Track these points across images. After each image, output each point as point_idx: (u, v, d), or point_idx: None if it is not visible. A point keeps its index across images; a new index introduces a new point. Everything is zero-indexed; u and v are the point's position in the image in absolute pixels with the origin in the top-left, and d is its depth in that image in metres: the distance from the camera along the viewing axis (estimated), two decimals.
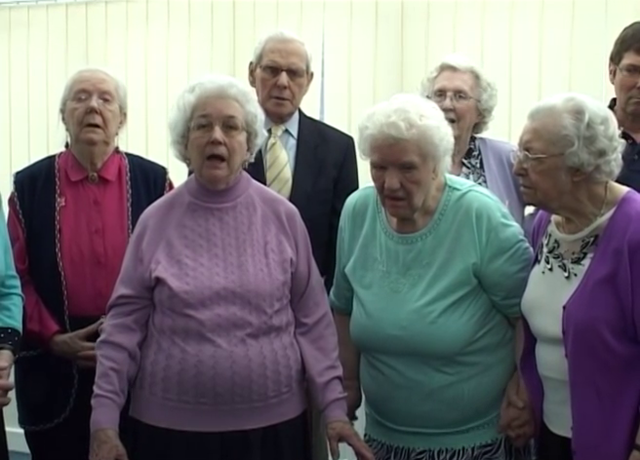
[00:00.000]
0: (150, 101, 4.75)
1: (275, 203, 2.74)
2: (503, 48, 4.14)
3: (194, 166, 2.65)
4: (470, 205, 2.58)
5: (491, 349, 2.61)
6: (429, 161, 2.50)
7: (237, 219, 2.66)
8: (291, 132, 3.30)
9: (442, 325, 2.54)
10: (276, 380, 2.57)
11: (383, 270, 2.65)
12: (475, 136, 3.40)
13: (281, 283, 2.63)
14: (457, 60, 3.35)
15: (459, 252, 2.56)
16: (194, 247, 2.61)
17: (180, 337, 2.54)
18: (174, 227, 2.64)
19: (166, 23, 4.74)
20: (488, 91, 3.34)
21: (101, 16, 4.86)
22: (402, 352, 2.58)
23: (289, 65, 3.22)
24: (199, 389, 2.51)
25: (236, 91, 2.60)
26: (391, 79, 4.33)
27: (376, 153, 2.52)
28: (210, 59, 4.65)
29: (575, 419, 2.39)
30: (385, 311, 2.61)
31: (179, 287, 2.54)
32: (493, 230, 2.56)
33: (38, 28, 4.98)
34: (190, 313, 2.53)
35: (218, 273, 2.58)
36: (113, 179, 3.10)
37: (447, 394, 2.57)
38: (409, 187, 2.50)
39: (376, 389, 2.70)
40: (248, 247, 2.63)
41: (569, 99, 2.40)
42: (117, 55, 4.80)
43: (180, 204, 2.68)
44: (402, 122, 2.45)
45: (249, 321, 2.54)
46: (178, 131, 2.62)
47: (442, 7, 4.23)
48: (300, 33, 4.35)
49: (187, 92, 2.62)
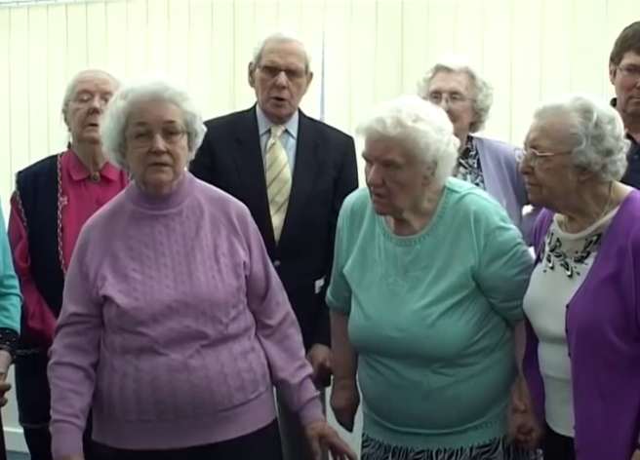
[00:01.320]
0: None
1: (223, 203, 2.63)
2: (504, 48, 4.14)
3: (136, 174, 2.52)
4: (468, 208, 2.57)
5: (489, 350, 2.60)
6: (416, 164, 2.48)
7: (184, 225, 2.54)
8: (290, 132, 3.28)
9: (441, 327, 2.53)
10: (240, 387, 2.49)
11: (382, 271, 2.64)
12: (472, 136, 3.40)
13: (235, 288, 2.53)
14: (451, 61, 3.34)
15: (457, 255, 2.56)
16: (141, 258, 2.50)
17: (133, 355, 2.44)
18: (118, 239, 2.51)
19: (166, 23, 4.75)
20: (484, 90, 3.34)
21: (101, 15, 4.86)
22: (400, 354, 2.57)
23: (287, 65, 3.20)
24: (159, 406, 2.42)
25: (171, 93, 2.47)
26: (391, 79, 4.33)
27: (365, 146, 2.53)
28: (210, 59, 4.66)
29: (577, 418, 2.38)
30: (384, 313, 2.60)
31: (127, 304, 2.43)
32: (491, 233, 2.55)
33: (38, 28, 4.99)
34: (142, 330, 2.43)
35: (168, 285, 2.47)
36: (115, 179, 3.10)
37: (445, 394, 2.57)
38: (390, 186, 2.50)
39: (374, 389, 2.69)
40: (197, 253, 2.51)
41: (576, 98, 2.41)
42: (117, 54, 4.81)
43: (123, 213, 2.55)
44: (390, 119, 2.45)
45: (204, 332, 2.45)
46: (113, 139, 2.49)
47: (442, 7, 4.23)
48: (300, 33, 4.35)
49: (120, 98, 2.48)
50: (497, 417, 2.63)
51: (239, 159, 3.21)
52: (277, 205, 3.19)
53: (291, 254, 3.13)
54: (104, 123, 2.51)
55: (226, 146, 3.23)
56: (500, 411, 2.63)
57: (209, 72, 4.67)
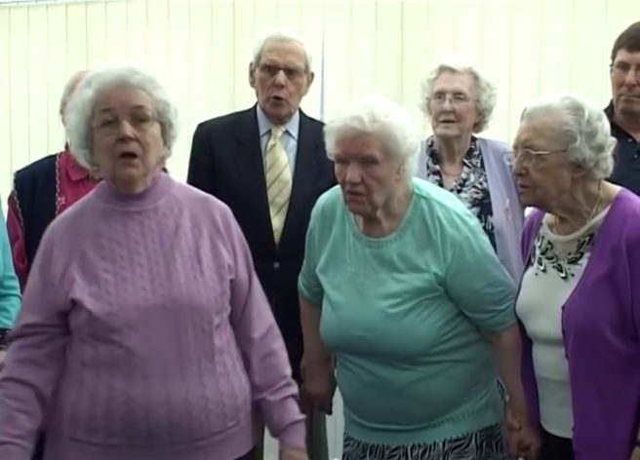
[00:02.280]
0: None
1: (205, 202, 2.41)
2: (503, 48, 4.15)
3: (105, 170, 2.26)
4: (437, 216, 2.57)
5: (458, 348, 2.60)
6: (392, 158, 2.49)
7: (161, 223, 2.30)
8: (291, 133, 3.28)
9: (406, 327, 2.53)
10: (220, 413, 2.24)
11: (352, 271, 2.64)
12: (475, 137, 3.41)
13: (219, 293, 2.29)
14: (455, 62, 3.36)
15: (424, 262, 2.55)
16: (113, 257, 2.23)
17: (107, 370, 2.17)
18: (86, 237, 2.26)
19: (166, 23, 4.76)
20: (487, 91, 3.35)
21: (101, 15, 4.87)
22: (369, 352, 2.58)
23: (286, 64, 3.19)
24: (130, 429, 2.16)
25: (141, 78, 2.24)
26: (391, 79, 4.34)
27: (339, 146, 2.51)
28: (210, 59, 4.66)
29: (576, 419, 2.38)
30: (351, 312, 2.60)
31: (99, 308, 2.16)
32: (458, 246, 2.55)
33: (38, 28, 5.00)
34: (115, 339, 2.16)
35: (144, 287, 2.21)
36: None
37: (415, 390, 2.57)
38: (369, 183, 2.48)
39: (348, 387, 2.70)
40: (177, 253, 2.27)
41: (564, 98, 2.42)
42: (117, 54, 4.81)
43: (92, 212, 2.30)
44: (366, 115, 2.45)
45: (186, 342, 2.20)
46: (79, 133, 2.25)
47: (442, 7, 4.24)
48: (300, 33, 4.36)
49: (84, 87, 2.25)
50: (469, 412, 2.64)
51: (239, 159, 3.21)
52: (277, 206, 3.19)
53: (291, 256, 3.13)
54: (69, 117, 2.28)
55: (227, 147, 3.23)
56: (473, 406, 2.64)
57: (209, 72, 4.68)
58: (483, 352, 2.65)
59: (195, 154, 3.30)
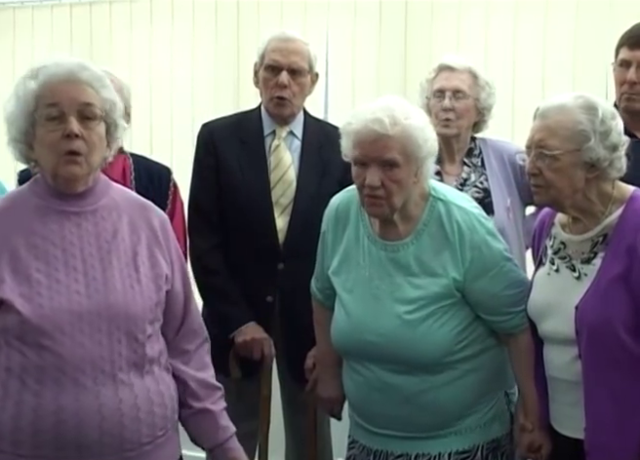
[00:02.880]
0: (154, 101, 4.76)
1: (144, 209, 2.33)
2: (507, 47, 4.14)
3: (46, 166, 2.16)
4: (455, 219, 2.54)
5: (470, 357, 2.58)
6: (412, 161, 2.47)
7: (99, 225, 2.21)
8: (295, 133, 3.28)
9: (422, 333, 2.50)
10: (150, 423, 2.17)
11: (366, 275, 2.61)
12: (475, 136, 3.41)
13: (154, 303, 2.22)
14: (454, 60, 3.37)
15: (441, 266, 2.53)
16: (47, 258, 2.13)
17: (33, 377, 2.06)
18: (18, 234, 2.14)
19: (170, 23, 4.75)
20: (486, 89, 3.36)
21: (106, 15, 4.87)
22: (380, 358, 2.55)
23: (290, 64, 3.19)
24: (59, 441, 2.06)
25: (89, 74, 2.16)
26: (395, 79, 4.33)
27: (358, 149, 2.48)
28: (214, 59, 4.66)
29: (588, 420, 2.37)
30: (365, 316, 2.58)
31: (30, 310, 2.05)
32: (477, 248, 2.53)
33: (42, 28, 4.99)
34: (46, 343, 2.05)
35: (78, 291, 2.12)
36: (118, 179, 3.07)
37: (424, 399, 2.55)
38: (389, 186, 2.46)
39: (355, 391, 2.68)
40: (114, 259, 2.19)
41: (578, 97, 2.42)
42: (121, 54, 4.81)
43: (25, 207, 2.19)
44: (387, 118, 2.42)
45: (118, 351, 2.13)
46: (18, 126, 2.15)
47: (446, 7, 4.23)
48: (305, 33, 4.35)
49: (28, 78, 2.15)
50: (477, 424, 2.62)
51: (243, 160, 3.21)
52: (281, 206, 3.19)
53: (295, 257, 3.14)
54: (8, 108, 2.17)
55: (230, 147, 3.23)
56: (480, 418, 2.62)
57: (213, 72, 4.68)
58: (494, 360, 2.64)
59: (199, 154, 3.30)
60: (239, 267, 3.18)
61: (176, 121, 4.75)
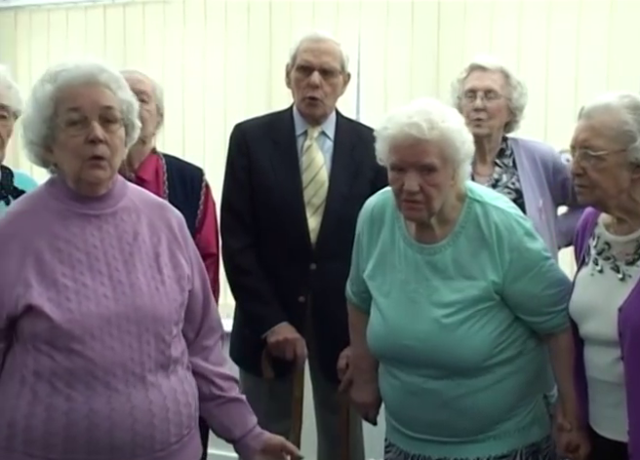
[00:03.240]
0: (187, 102, 4.78)
1: (162, 209, 2.34)
2: (540, 47, 4.11)
3: (68, 170, 2.15)
4: (493, 220, 2.52)
5: (509, 360, 2.55)
6: (449, 165, 2.45)
7: (119, 228, 2.21)
8: (327, 133, 3.28)
9: (460, 338, 2.48)
10: (178, 422, 2.20)
11: (402, 278, 2.58)
12: (507, 137, 3.40)
13: (179, 304, 2.24)
14: (486, 60, 3.37)
15: (479, 269, 2.51)
16: (72, 262, 2.12)
17: (64, 381, 2.06)
18: (41, 237, 2.12)
19: (203, 24, 4.76)
20: (518, 89, 3.35)
21: (139, 17, 4.89)
22: (418, 363, 2.53)
23: (321, 65, 3.19)
24: (92, 444, 2.06)
25: (108, 76, 2.15)
26: (427, 80, 4.32)
27: (395, 154, 2.45)
28: (246, 60, 4.67)
29: (631, 422, 2.33)
30: (402, 320, 2.55)
31: (59, 315, 2.05)
32: (516, 249, 2.50)
33: (77, 30, 5.02)
34: (76, 348, 2.05)
35: (105, 294, 2.12)
36: (151, 179, 3.11)
37: (462, 403, 2.52)
38: (428, 190, 2.44)
39: (392, 395, 2.66)
40: (137, 261, 2.19)
41: (624, 96, 2.40)
42: (154, 55, 4.83)
43: (45, 210, 2.17)
44: (424, 122, 2.39)
45: (147, 353, 2.14)
46: (37, 131, 2.13)
47: (478, 7, 4.21)
48: (337, 33, 4.35)
49: (46, 81, 2.13)
50: (515, 428, 2.59)
51: (275, 160, 3.22)
52: (314, 207, 3.19)
53: (327, 257, 3.14)
54: (26, 112, 2.18)
55: (263, 147, 3.24)
56: (519, 422, 2.59)
57: (245, 72, 4.68)
58: (533, 362, 2.61)
59: (232, 155, 3.31)
60: (271, 267, 3.18)
61: (208, 121, 4.76)
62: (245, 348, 3.30)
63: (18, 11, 5.16)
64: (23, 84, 4.91)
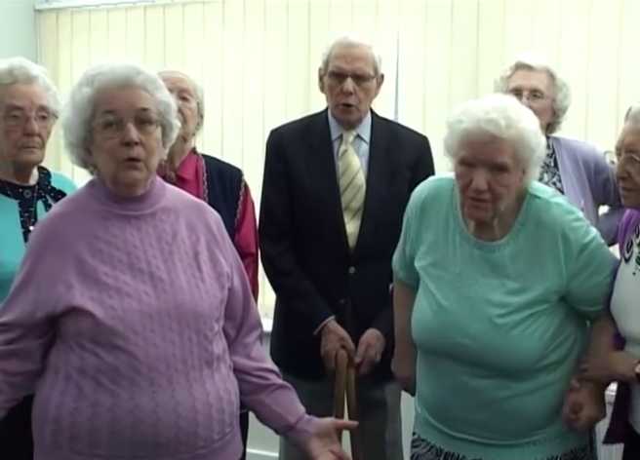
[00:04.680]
0: (226, 103, 4.80)
1: (200, 209, 2.37)
2: (581, 47, 4.07)
3: (105, 171, 2.20)
4: (554, 219, 2.46)
5: (555, 365, 2.51)
6: (521, 166, 2.39)
7: (158, 228, 2.24)
8: (363, 137, 3.27)
9: (513, 339, 2.43)
10: (220, 420, 2.21)
11: (456, 272, 2.52)
12: (549, 136, 3.38)
13: (219, 301, 2.27)
14: (532, 59, 3.34)
15: (540, 269, 2.45)
16: (112, 262, 2.16)
17: (108, 378, 2.09)
18: (81, 239, 2.16)
19: (242, 25, 4.77)
20: (563, 90, 3.33)
21: (179, 17, 4.91)
22: (467, 361, 2.47)
23: (354, 71, 3.17)
24: (136, 440, 2.09)
25: (144, 78, 2.18)
26: (466, 79, 4.30)
27: (467, 149, 2.38)
28: (285, 60, 4.68)
29: None
30: (456, 316, 2.49)
31: (102, 313, 2.09)
32: (581, 245, 2.45)
33: (117, 31, 5.06)
34: (119, 344, 2.09)
35: (147, 292, 2.15)
36: (191, 178, 3.12)
37: (506, 405, 2.48)
38: (497, 190, 2.37)
39: (433, 391, 2.61)
40: (176, 259, 2.22)
41: None
42: (194, 56, 4.85)
43: (85, 212, 2.21)
44: (502, 120, 2.33)
45: (190, 349, 2.17)
46: (75, 132, 2.18)
47: (518, 6, 4.18)
48: (375, 33, 4.37)
49: (84, 84, 2.17)
50: (556, 434, 2.54)
51: (311, 164, 3.22)
52: (352, 211, 3.18)
53: (366, 260, 3.14)
54: (65, 114, 2.21)
55: (299, 152, 3.24)
56: (559, 429, 2.54)
57: (284, 73, 4.69)
58: (576, 369, 2.55)
59: (269, 160, 3.32)
60: (310, 271, 3.19)
61: (246, 122, 4.77)
62: (286, 349, 3.31)
63: (59, 12, 5.22)
64: (65, 84, 5.02)
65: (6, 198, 2.75)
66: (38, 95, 2.75)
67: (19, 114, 2.72)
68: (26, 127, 2.72)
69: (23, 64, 2.77)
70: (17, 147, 2.72)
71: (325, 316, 3.15)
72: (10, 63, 2.75)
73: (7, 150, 2.73)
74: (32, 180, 2.82)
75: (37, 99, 2.74)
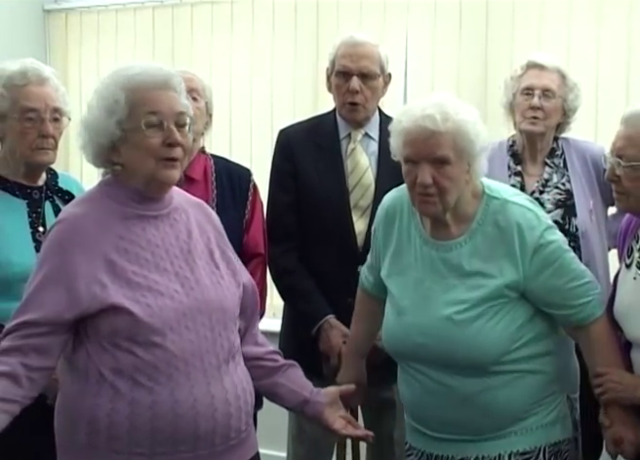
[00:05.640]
0: (234, 103, 4.80)
1: (202, 207, 2.41)
2: (590, 48, 4.07)
3: (141, 170, 2.19)
4: (511, 217, 2.46)
5: (528, 359, 2.48)
6: (464, 158, 2.41)
7: (174, 227, 2.27)
8: (371, 135, 3.27)
9: (473, 334, 2.43)
10: (247, 411, 2.28)
11: (417, 276, 2.54)
12: (558, 136, 3.37)
13: (238, 297, 2.33)
14: (544, 59, 3.34)
15: (497, 267, 2.45)
16: (139, 261, 2.18)
17: (146, 375, 2.11)
18: (107, 240, 2.16)
19: (250, 25, 4.78)
20: (574, 91, 3.33)
21: (187, 18, 4.92)
22: (431, 360, 2.49)
23: (360, 69, 3.17)
24: (178, 436, 2.12)
25: (177, 81, 2.24)
26: (475, 79, 4.29)
27: (409, 147, 2.41)
28: (293, 60, 4.68)
29: None
30: (415, 318, 2.51)
31: (141, 310, 2.11)
32: (537, 245, 2.44)
33: (126, 31, 5.08)
34: (157, 341, 2.11)
35: (176, 290, 2.19)
36: (199, 179, 3.12)
37: (481, 400, 2.47)
38: (442, 183, 2.40)
39: (410, 395, 2.62)
40: (196, 257, 2.26)
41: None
42: (202, 57, 4.86)
43: (106, 212, 2.21)
44: (438, 114, 2.36)
45: (220, 343, 2.22)
46: (106, 132, 2.17)
47: (527, 6, 4.18)
48: (384, 33, 4.37)
49: (117, 85, 2.18)
50: (537, 425, 2.52)
51: (320, 164, 3.22)
52: (361, 210, 3.19)
53: None
54: (92, 114, 2.20)
55: (307, 152, 3.24)
56: (541, 419, 2.52)
57: (292, 73, 4.70)
58: (554, 364, 2.54)
59: (277, 160, 3.32)
60: (319, 270, 3.19)
61: (255, 122, 4.78)
62: (294, 348, 3.30)
63: (68, 13, 5.24)
64: (74, 84, 5.04)
65: (14, 198, 2.76)
66: (51, 97, 2.76)
67: (33, 116, 2.72)
68: (42, 129, 2.73)
69: (35, 66, 2.78)
70: (31, 149, 2.73)
71: (323, 314, 3.16)
72: (22, 64, 2.76)
73: (20, 151, 2.74)
74: (40, 181, 2.83)
75: (51, 101, 2.75)
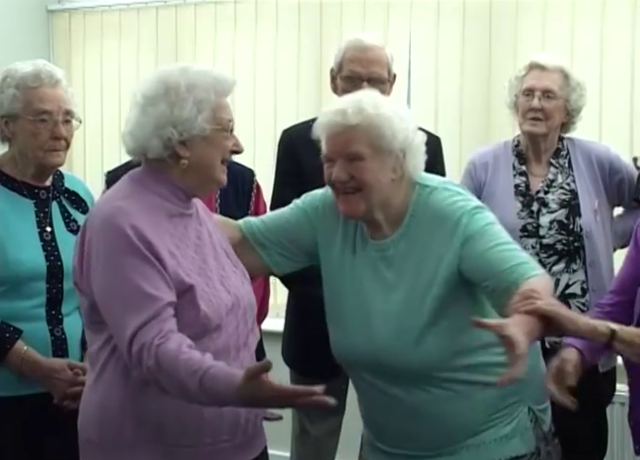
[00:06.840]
0: (238, 103, 4.78)
1: (205, 208, 2.43)
2: (594, 48, 4.07)
3: (208, 168, 2.22)
4: (438, 204, 2.33)
5: (475, 368, 2.31)
6: (383, 154, 2.27)
7: (201, 226, 2.30)
8: None
9: (416, 341, 2.28)
10: None
11: (359, 277, 2.39)
12: (563, 136, 3.37)
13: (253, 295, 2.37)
14: (546, 60, 3.33)
15: (435, 255, 2.29)
16: (188, 259, 2.19)
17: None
18: (164, 236, 2.16)
19: (253, 25, 4.79)
20: (577, 90, 3.31)
21: (191, 18, 4.94)
22: (375, 369, 2.35)
23: (370, 75, 3.15)
24: (222, 426, 2.19)
25: None
26: (478, 79, 4.30)
27: (325, 145, 2.35)
28: (296, 60, 4.68)
29: None
30: (357, 324, 2.37)
31: (205, 306, 2.14)
32: (464, 226, 2.27)
33: (129, 31, 5.09)
34: (214, 336, 2.17)
35: (219, 287, 2.22)
36: None
37: (427, 411, 2.32)
38: (360, 176, 2.27)
39: (363, 407, 2.50)
40: (220, 256, 2.30)
41: None
42: (206, 56, 4.87)
43: (157, 209, 2.20)
44: (350, 109, 2.26)
45: (252, 339, 2.31)
46: (187, 127, 2.17)
47: (531, 6, 4.18)
48: (387, 33, 4.37)
49: (213, 88, 2.22)
50: (492, 438, 2.35)
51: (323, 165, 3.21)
52: None
53: None
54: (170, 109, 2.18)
55: (311, 151, 3.21)
56: (496, 431, 2.35)
57: (295, 73, 4.70)
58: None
59: (280, 160, 3.32)
60: None
61: (258, 122, 4.78)
62: (297, 347, 3.30)
63: (72, 13, 5.25)
64: (77, 85, 5.03)
65: (22, 198, 2.76)
66: (64, 100, 2.76)
67: (47, 118, 2.72)
68: (54, 131, 2.72)
69: (48, 67, 2.78)
70: (43, 150, 2.73)
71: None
72: (35, 66, 2.75)
73: (32, 152, 2.73)
74: (47, 181, 2.83)
75: (63, 103, 2.75)
